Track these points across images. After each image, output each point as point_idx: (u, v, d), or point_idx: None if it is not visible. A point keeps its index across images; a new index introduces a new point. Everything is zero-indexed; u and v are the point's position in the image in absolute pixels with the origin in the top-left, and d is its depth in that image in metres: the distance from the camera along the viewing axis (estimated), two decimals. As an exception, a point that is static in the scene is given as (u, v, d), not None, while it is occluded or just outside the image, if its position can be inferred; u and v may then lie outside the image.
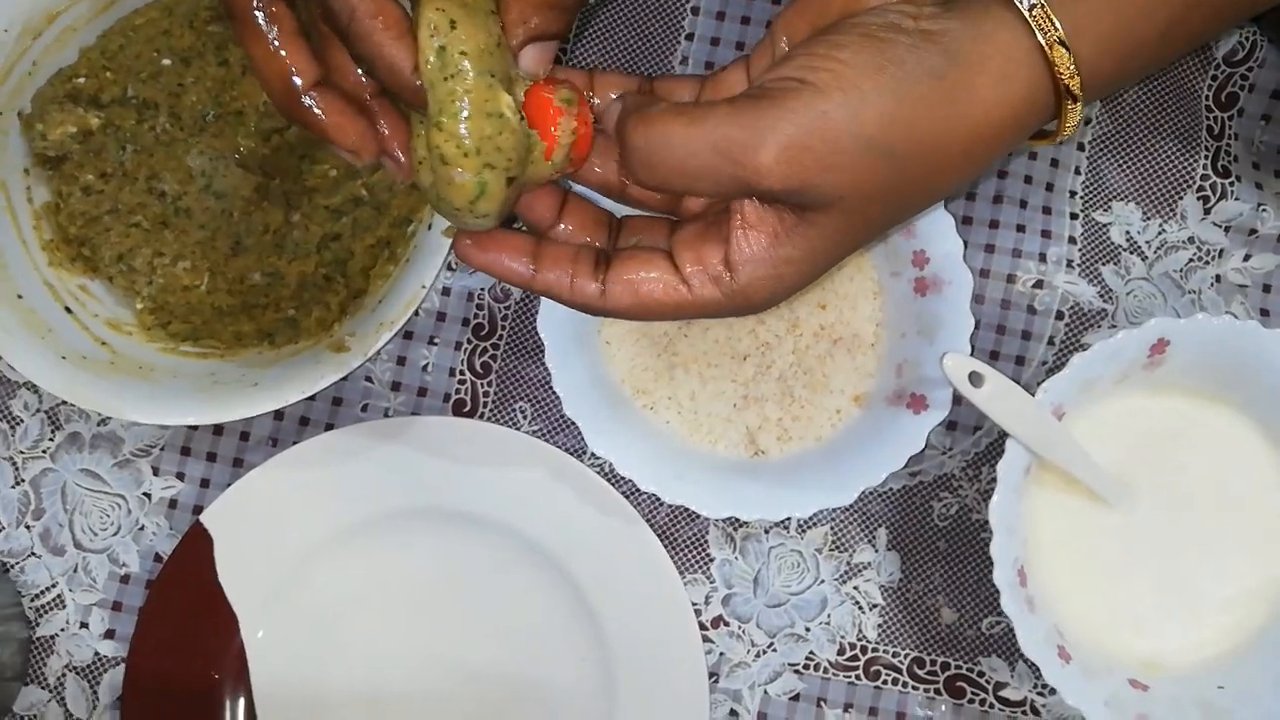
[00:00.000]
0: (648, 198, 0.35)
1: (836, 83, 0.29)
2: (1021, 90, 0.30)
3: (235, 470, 0.46)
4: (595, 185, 0.35)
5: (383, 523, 0.45)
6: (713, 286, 0.32)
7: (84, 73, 0.45)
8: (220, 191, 0.45)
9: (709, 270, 0.32)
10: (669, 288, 0.32)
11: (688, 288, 0.32)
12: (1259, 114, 0.47)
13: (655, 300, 0.32)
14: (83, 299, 0.45)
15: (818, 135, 0.29)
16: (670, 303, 0.32)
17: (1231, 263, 0.46)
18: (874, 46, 0.30)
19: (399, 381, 0.47)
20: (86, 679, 0.46)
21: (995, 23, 0.30)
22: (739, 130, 0.29)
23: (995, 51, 0.30)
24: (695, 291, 0.32)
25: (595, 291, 0.32)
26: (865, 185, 0.30)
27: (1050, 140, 0.33)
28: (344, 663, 0.45)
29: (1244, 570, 0.42)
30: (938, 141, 0.30)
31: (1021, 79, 0.30)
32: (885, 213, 0.31)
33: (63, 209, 0.45)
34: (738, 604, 0.46)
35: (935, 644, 0.45)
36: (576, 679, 0.45)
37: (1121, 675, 0.40)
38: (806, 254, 0.31)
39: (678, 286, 0.32)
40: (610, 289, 0.32)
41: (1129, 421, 0.42)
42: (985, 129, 0.30)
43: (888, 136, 0.29)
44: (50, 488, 0.47)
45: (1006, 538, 0.39)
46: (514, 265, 0.33)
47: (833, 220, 0.30)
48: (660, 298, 0.32)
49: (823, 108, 0.29)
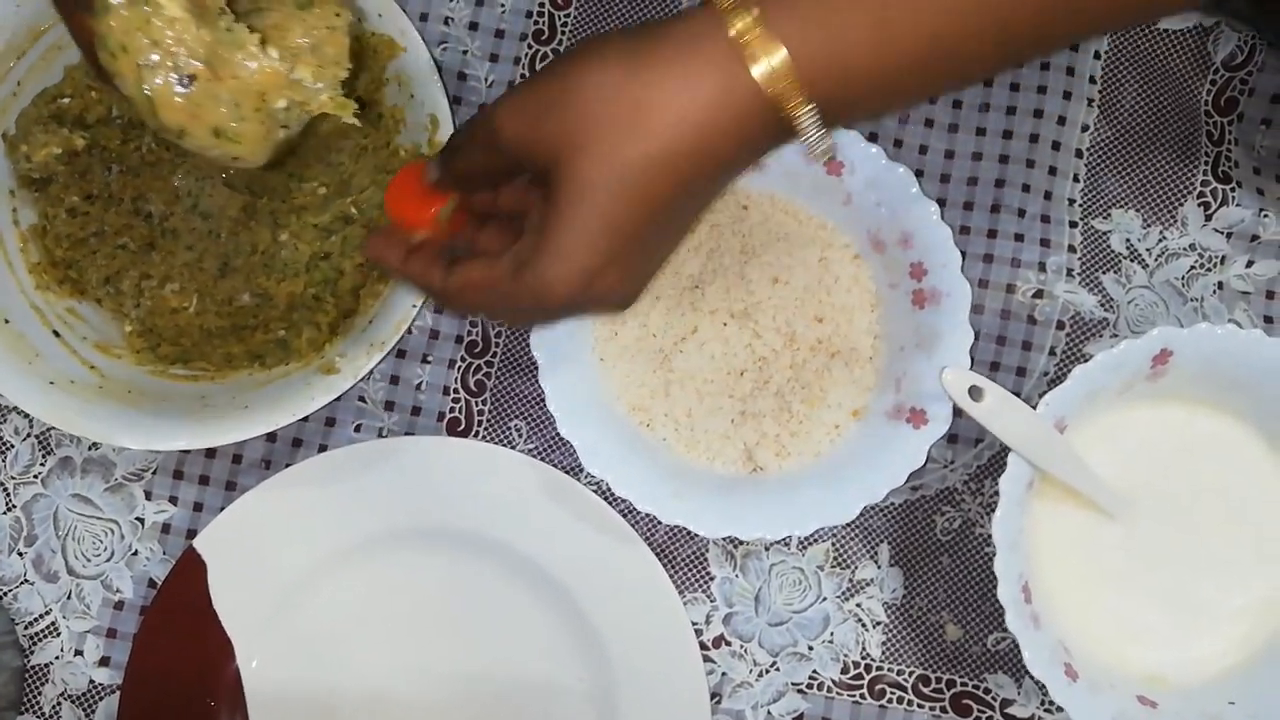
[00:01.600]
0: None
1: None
2: (711, 92, 0.30)
3: (228, 494, 0.46)
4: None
5: (378, 544, 0.45)
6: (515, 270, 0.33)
7: (69, 92, 0.45)
8: (207, 211, 0.45)
9: (516, 255, 0.33)
10: (486, 268, 0.34)
11: (499, 269, 0.34)
12: (1259, 119, 0.46)
13: (472, 282, 0.34)
14: (71, 322, 0.45)
15: (534, 91, 0.32)
16: (483, 282, 0.34)
17: (1234, 269, 0.46)
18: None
19: (392, 401, 0.46)
20: (81, 707, 0.46)
21: (698, 34, 0.31)
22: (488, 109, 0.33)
23: (687, 54, 0.31)
24: (500, 269, 0.33)
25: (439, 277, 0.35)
26: (578, 139, 0.31)
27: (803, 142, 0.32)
28: (341, 686, 0.45)
29: (1251, 581, 0.41)
30: (636, 107, 0.30)
31: (711, 81, 0.30)
32: (625, 179, 0.31)
33: (49, 231, 0.45)
34: (739, 623, 0.45)
35: (940, 661, 0.45)
36: (576, 702, 0.44)
37: (1129, 692, 0.40)
38: (581, 233, 0.32)
39: (492, 266, 0.34)
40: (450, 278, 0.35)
41: (1132, 433, 0.42)
42: (682, 117, 0.31)
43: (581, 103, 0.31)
44: (42, 514, 0.46)
45: (1010, 554, 0.39)
46: (389, 254, 0.37)
47: (576, 189, 0.31)
48: (477, 280, 0.34)
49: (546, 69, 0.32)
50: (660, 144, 0.31)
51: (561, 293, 0.32)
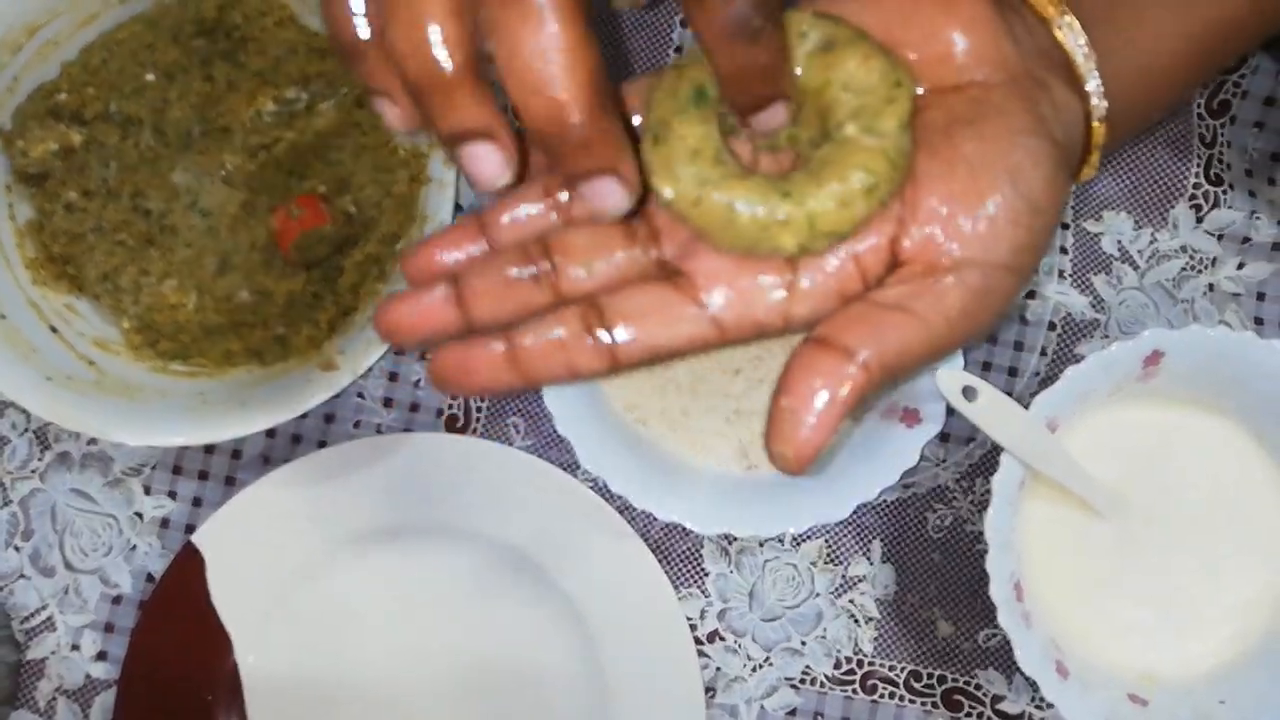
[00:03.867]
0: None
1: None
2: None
3: (227, 489, 0.46)
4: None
5: (376, 540, 0.45)
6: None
7: (66, 88, 0.44)
8: (206, 209, 0.44)
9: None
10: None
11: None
12: (1251, 121, 0.47)
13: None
14: (68, 318, 0.44)
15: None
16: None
17: (1225, 271, 0.46)
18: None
19: (391, 397, 0.46)
20: (78, 702, 0.46)
21: (1064, 98, 0.31)
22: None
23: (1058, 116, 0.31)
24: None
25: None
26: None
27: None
28: (339, 681, 0.45)
29: (1242, 580, 0.42)
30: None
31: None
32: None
33: (46, 227, 0.44)
34: (733, 618, 0.45)
35: (932, 657, 0.45)
36: (571, 696, 0.44)
37: (1120, 690, 0.40)
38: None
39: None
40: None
41: (1123, 433, 0.42)
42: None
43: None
44: (40, 508, 0.46)
45: (1002, 552, 0.39)
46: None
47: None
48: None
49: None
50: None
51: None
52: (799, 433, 0.27)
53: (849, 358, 0.27)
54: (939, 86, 0.30)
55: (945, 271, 0.28)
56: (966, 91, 0.29)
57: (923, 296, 0.28)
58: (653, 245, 0.29)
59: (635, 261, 0.29)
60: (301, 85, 0.44)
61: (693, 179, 0.28)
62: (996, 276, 0.28)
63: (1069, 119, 0.31)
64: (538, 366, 0.28)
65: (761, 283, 0.28)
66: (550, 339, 0.28)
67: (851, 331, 0.28)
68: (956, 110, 0.29)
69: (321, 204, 0.44)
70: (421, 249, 0.29)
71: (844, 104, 0.28)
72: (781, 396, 0.27)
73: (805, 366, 0.27)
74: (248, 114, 0.44)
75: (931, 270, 0.28)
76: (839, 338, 0.28)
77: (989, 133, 0.28)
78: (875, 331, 0.28)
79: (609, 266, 0.29)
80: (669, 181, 0.28)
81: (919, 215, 0.28)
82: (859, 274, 0.28)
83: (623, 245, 0.29)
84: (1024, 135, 0.29)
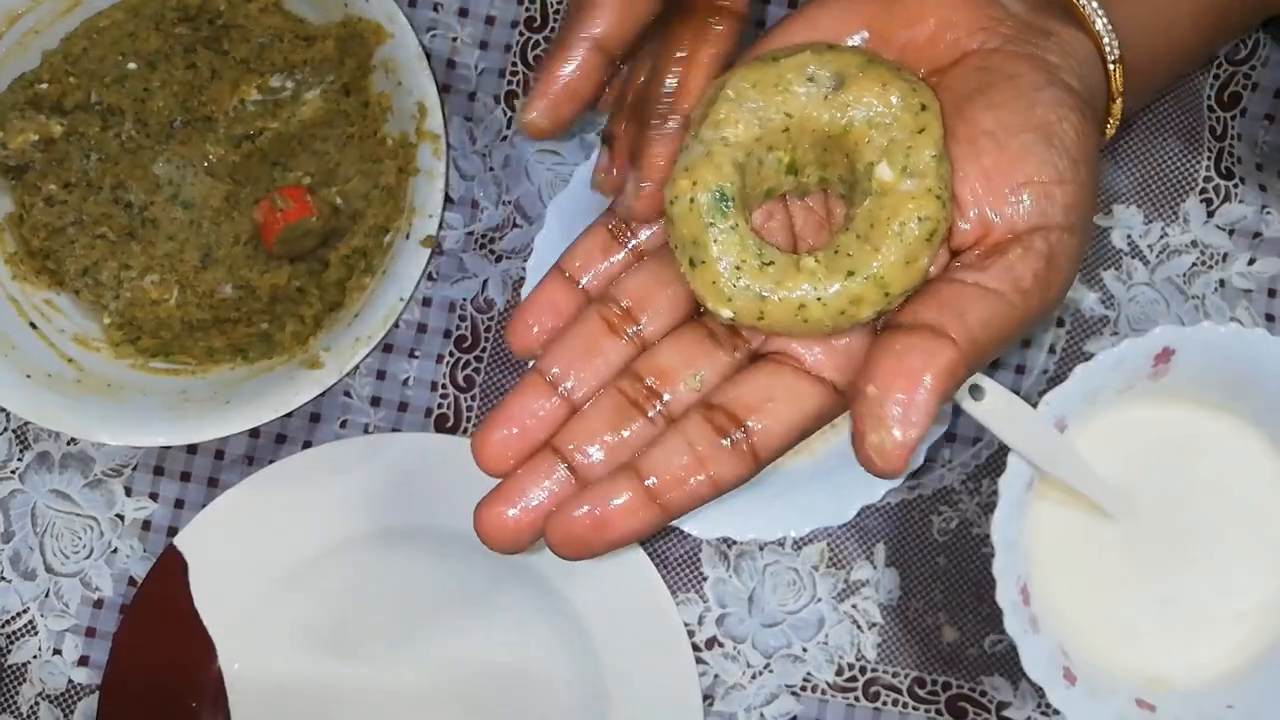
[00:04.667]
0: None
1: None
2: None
3: (210, 490, 0.45)
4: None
5: (363, 542, 0.44)
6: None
7: (46, 78, 0.44)
8: (188, 201, 0.44)
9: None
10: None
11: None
12: (1262, 114, 0.46)
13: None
14: (48, 314, 0.44)
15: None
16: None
17: (1236, 267, 0.45)
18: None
19: (379, 396, 0.45)
20: (60, 708, 0.45)
21: (1073, 40, 0.30)
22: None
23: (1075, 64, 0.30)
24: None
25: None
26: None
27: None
28: (325, 686, 0.44)
29: (1252, 584, 0.41)
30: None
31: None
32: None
33: (26, 220, 0.44)
34: (732, 624, 0.44)
35: (936, 663, 0.44)
36: (566, 703, 0.44)
37: (1127, 695, 0.40)
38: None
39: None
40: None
41: (1133, 433, 0.41)
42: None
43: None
44: (19, 509, 0.45)
45: (1009, 555, 0.38)
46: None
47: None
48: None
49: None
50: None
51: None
52: (893, 423, 0.24)
53: (937, 334, 0.25)
54: (938, 67, 0.29)
55: (1007, 246, 0.27)
56: (967, 62, 0.28)
57: (993, 272, 0.27)
58: (737, 338, 0.28)
59: (733, 362, 0.28)
60: (286, 73, 0.44)
61: (746, 295, 0.27)
62: (1057, 238, 0.27)
63: (1082, 61, 0.30)
64: (680, 494, 0.26)
65: (853, 338, 0.28)
66: (683, 463, 0.26)
67: (932, 309, 0.26)
68: (963, 85, 0.28)
69: (307, 196, 0.43)
70: (497, 434, 0.27)
71: (873, 143, 0.27)
72: (867, 384, 0.25)
73: (891, 350, 0.25)
74: (231, 103, 0.43)
75: (993, 250, 0.27)
76: (921, 317, 0.26)
77: (1002, 98, 0.27)
78: (957, 306, 0.26)
79: (713, 373, 0.28)
80: (723, 304, 0.27)
81: (962, 204, 0.27)
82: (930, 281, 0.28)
83: (712, 347, 0.28)
84: (1038, 90, 0.28)
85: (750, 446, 0.27)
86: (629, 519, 0.26)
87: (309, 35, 0.44)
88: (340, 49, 0.43)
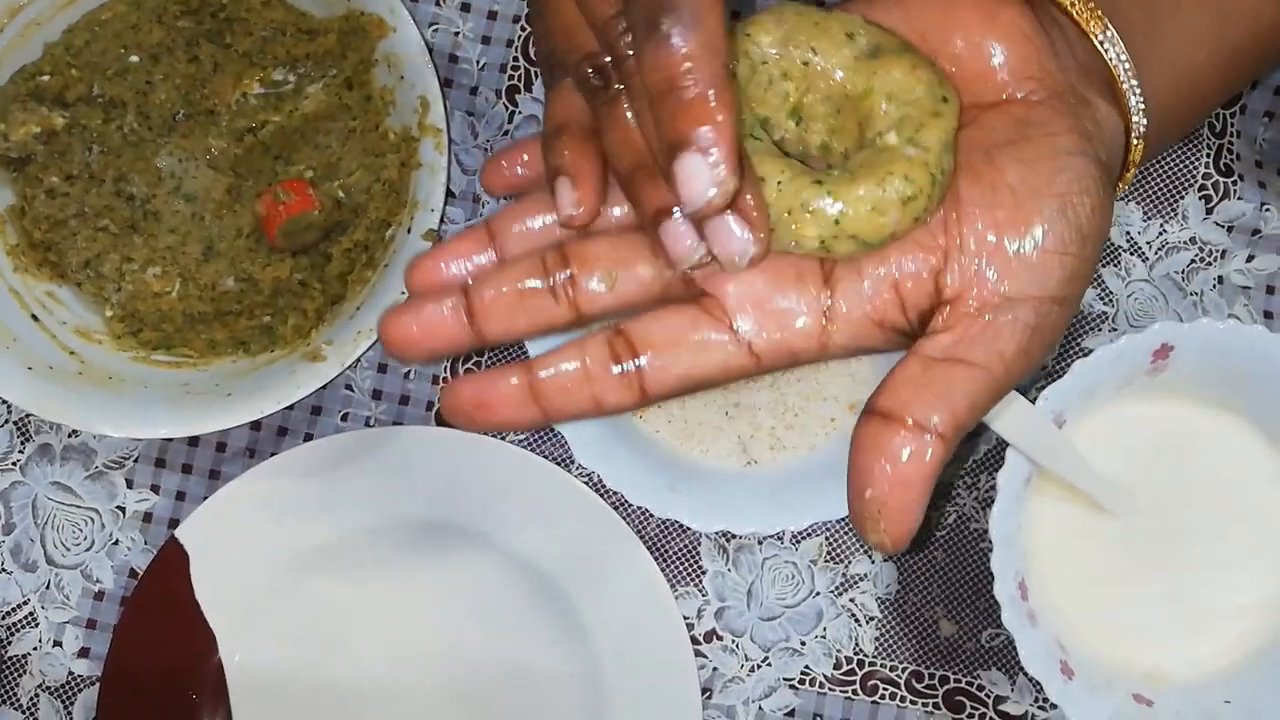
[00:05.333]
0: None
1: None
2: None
3: (212, 483, 0.45)
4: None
5: (364, 536, 0.44)
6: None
7: (48, 70, 0.44)
8: (190, 194, 0.44)
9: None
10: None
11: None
12: (1262, 111, 0.46)
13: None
14: (50, 306, 0.44)
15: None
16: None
17: (1234, 264, 0.45)
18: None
19: (380, 389, 0.45)
20: (60, 699, 0.45)
21: (1108, 115, 0.30)
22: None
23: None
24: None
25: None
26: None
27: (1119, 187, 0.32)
28: (326, 679, 0.44)
29: (1249, 580, 0.41)
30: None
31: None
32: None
33: (28, 212, 0.44)
34: (731, 617, 0.45)
35: (934, 657, 0.44)
36: (565, 695, 0.44)
37: (1125, 690, 0.40)
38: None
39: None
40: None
41: (1131, 429, 0.42)
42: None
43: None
44: (20, 501, 0.45)
45: (1007, 550, 0.38)
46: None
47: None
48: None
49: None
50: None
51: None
52: (892, 521, 0.26)
53: (921, 430, 0.26)
54: (979, 103, 0.28)
55: (996, 310, 0.26)
56: (1008, 109, 0.28)
57: (977, 342, 0.26)
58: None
59: (659, 277, 0.27)
60: (289, 67, 0.44)
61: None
62: (1048, 310, 0.27)
63: (1111, 136, 0.29)
64: (561, 401, 0.26)
65: (794, 306, 0.27)
66: (573, 371, 0.26)
67: (917, 400, 0.26)
68: (998, 130, 0.28)
69: (309, 189, 0.43)
70: (426, 259, 0.28)
71: (887, 113, 0.27)
72: (863, 487, 0.26)
73: (878, 449, 0.26)
74: (233, 96, 0.43)
75: (982, 309, 0.26)
76: (905, 410, 0.26)
77: (1033, 155, 0.27)
78: (941, 394, 0.26)
79: (632, 282, 0.27)
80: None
81: (965, 246, 0.27)
82: (898, 304, 0.27)
83: (646, 258, 0.27)
84: (1069, 157, 0.27)
85: (640, 381, 0.26)
86: (509, 408, 0.27)
87: (311, 29, 0.44)
88: (342, 43, 0.43)
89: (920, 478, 0.26)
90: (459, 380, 0.27)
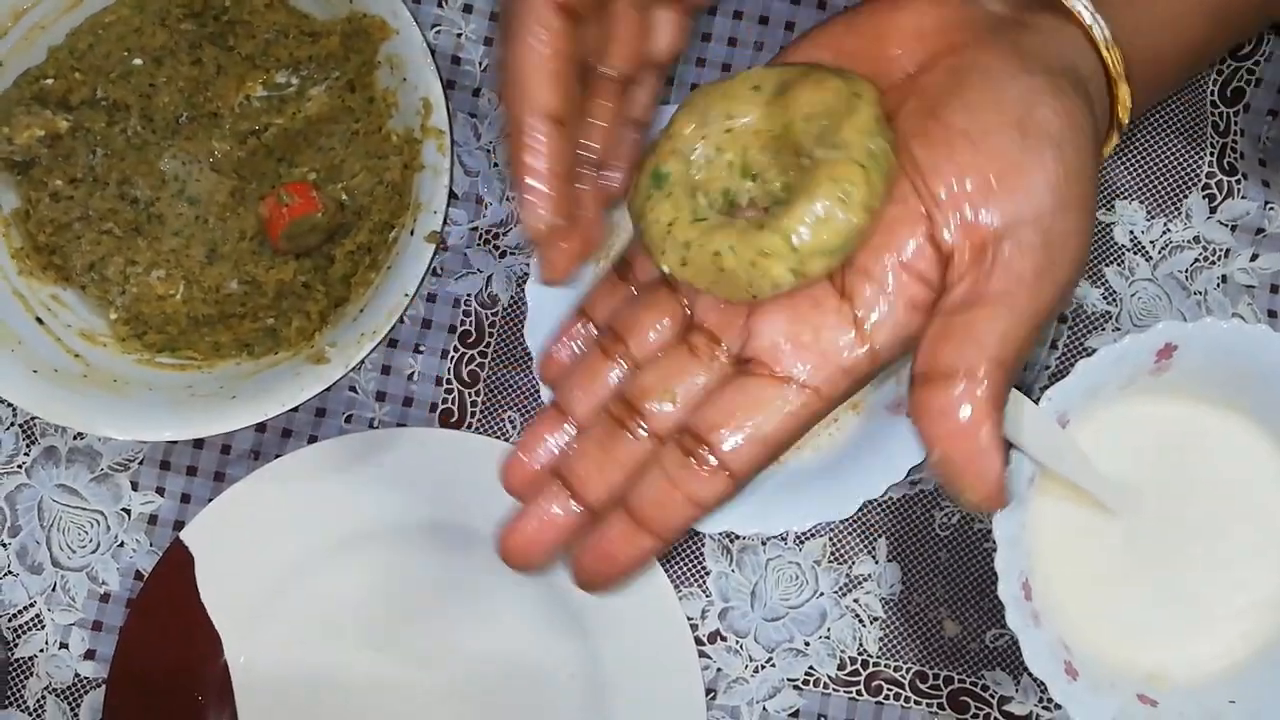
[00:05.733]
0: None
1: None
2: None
3: (216, 485, 0.45)
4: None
5: (369, 536, 0.44)
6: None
7: (52, 73, 0.44)
8: (194, 197, 0.44)
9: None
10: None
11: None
12: (1265, 109, 0.46)
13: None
14: (55, 309, 0.44)
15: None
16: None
17: (1238, 263, 0.45)
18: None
19: (384, 391, 0.46)
20: (67, 701, 0.45)
21: (1054, 28, 0.30)
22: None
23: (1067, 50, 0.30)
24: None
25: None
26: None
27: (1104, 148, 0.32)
28: (331, 680, 0.44)
29: (1254, 580, 0.41)
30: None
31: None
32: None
33: (32, 215, 0.44)
34: (735, 618, 0.45)
35: (938, 657, 0.44)
36: (569, 696, 0.44)
37: (1129, 690, 0.40)
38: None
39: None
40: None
41: (1135, 428, 0.41)
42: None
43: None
44: (26, 504, 0.46)
45: (1011, 550, 0.38)
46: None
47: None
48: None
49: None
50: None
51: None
52: (971, 474, 0.26)
53: (957, 377, 0.26)
54: (908, 74, 0.29)
55: (995, 242, 0.27)
56: (940, 64, 0.28)
57: (989, 277, 0.27)
58: (716, 348, 0.28)
59: (713, 373, 0.28)
60: (292, 69, 0.44)
61: (673, 245, 0.29)
62: (1050, 223, 0.27)
63: (1063, 43, 0.29)
64: (663, 519, 0.27)
65: (827, 333, 0.27)
66: (659, 486, 0.27)
67: (944, 351, 0.26)
68: (936, 87, 0.28)
69: (312, 191, 0.43)
70: (515, 462, 0.30)
71: (809, 134, 0.28)
72: (932, 451, 0.26)
73: (930, 411, 0.26)
74: (237, 99, 0.43)
75: (983, 248, 0.27)
76: (937, 364, 0.26)
77: (973, 94, 0.27)
78: (966, 337, 0.26)
79: (692, 388, 0.28)
80: (659, 258, 0.29)
81: (940, 202, 0.27)
82: (917, 280, 0.27)
83: (691, 364, 0.28)
84: (1009, 79, 0.27)
85: (722, 462, 0.27)
86: (626, 547, 0.28)
87: (314, 31, 0.44)
88: (345, 45, 0.43)
89: (976, 423, 0.26)
90: (580, 553, 0.29)
